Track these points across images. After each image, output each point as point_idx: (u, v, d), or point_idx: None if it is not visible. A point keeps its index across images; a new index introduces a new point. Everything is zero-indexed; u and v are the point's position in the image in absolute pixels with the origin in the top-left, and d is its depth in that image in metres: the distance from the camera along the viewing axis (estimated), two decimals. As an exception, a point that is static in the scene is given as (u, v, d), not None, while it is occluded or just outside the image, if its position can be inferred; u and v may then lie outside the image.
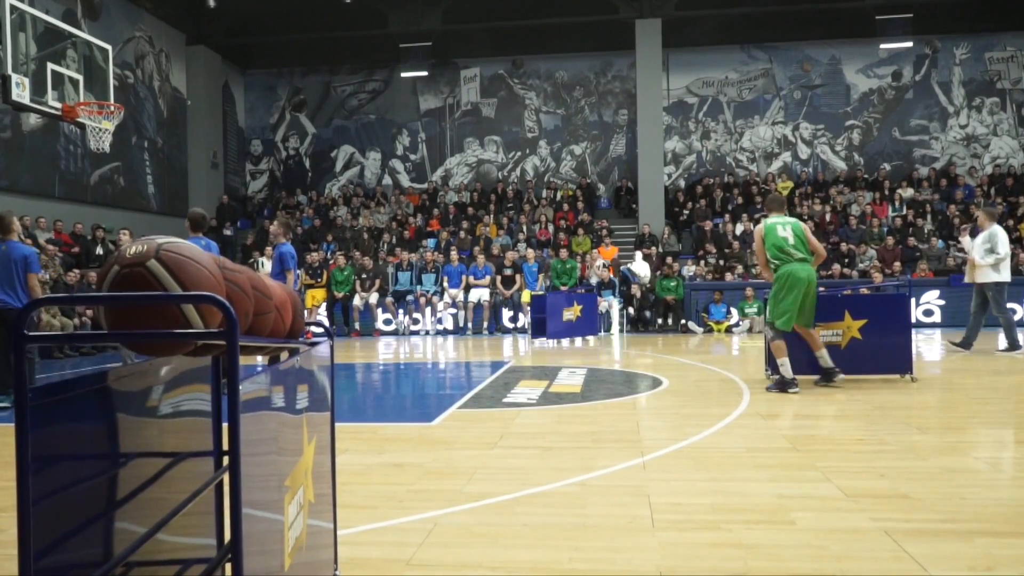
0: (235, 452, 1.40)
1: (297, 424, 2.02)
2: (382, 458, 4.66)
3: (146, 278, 1.49)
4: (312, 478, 2.20)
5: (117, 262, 1.53)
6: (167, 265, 1.51)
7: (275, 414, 1.84)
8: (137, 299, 1.43)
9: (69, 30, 9.69)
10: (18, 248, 7.02)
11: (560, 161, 22.86)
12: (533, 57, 22.72)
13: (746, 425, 5.52)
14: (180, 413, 2.10)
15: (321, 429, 2.55)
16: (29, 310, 1.38)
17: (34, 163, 15.65)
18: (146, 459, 1.87)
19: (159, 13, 19.74)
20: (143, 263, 1.50)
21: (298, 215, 21.81)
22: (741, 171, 22.05)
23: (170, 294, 1.44)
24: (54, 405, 1.45)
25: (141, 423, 1.84)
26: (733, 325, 15.84)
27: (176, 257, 1.53)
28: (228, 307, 1.37)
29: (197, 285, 1.53)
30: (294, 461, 1.96)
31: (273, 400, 1.78)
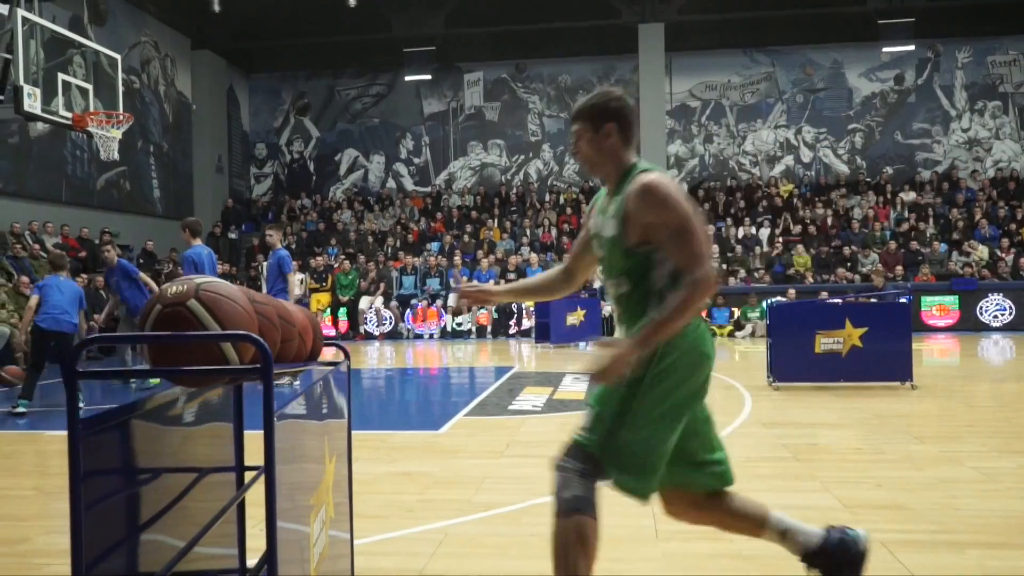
0: (270, 477, 1.51)
1: (320, 445, 2.13)
2: (391, 467, 4.77)
3: (186, 316, 1.60)
4: (334, 504, 2.32)
5: (159, 301, 1.65)
6: (206, 304, 1.62)
7: (302, 437, 1.95)
8: (182, 338, 1.54)
9: (78, 39, 9.82)
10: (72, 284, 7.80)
11: (563, 164, 22.96)
12: (536, 61, 22.82)
13: (748, 434, 5.63)
14: (204, 430, 2.22)
15: (339, 445, 2.66)
16: (81, 348, 1.49)
17: (41, 168, 15.78)
18: (176, 475, 1.98)
19: (164, 18, 19.88)
20: (184, 303, 1.61)
21: (302, 219, 21.95)
22: (744, 175, 22.14)
23: (212, 333, 1.55)
24: (99, 432, 1.57)
25: (171, 442, 1.96)
26: (736, 329, 15.93)
27: (214, 296, 1.64)
28: (264, 345, 1.48)
29: (233, 321, 1.64)
30: (318, 480, 2.07)
31: (301, 425, 1.89)
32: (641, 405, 2.26)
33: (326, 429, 2.25)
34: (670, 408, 2.28)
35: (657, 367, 2.26)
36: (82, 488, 1.48)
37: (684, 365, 2.28)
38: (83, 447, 1.49)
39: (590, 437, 2.29)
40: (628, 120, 2.41)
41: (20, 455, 5.52)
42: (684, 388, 2.30)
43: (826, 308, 7.80)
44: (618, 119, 2.38)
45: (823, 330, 7.63)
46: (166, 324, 1.59)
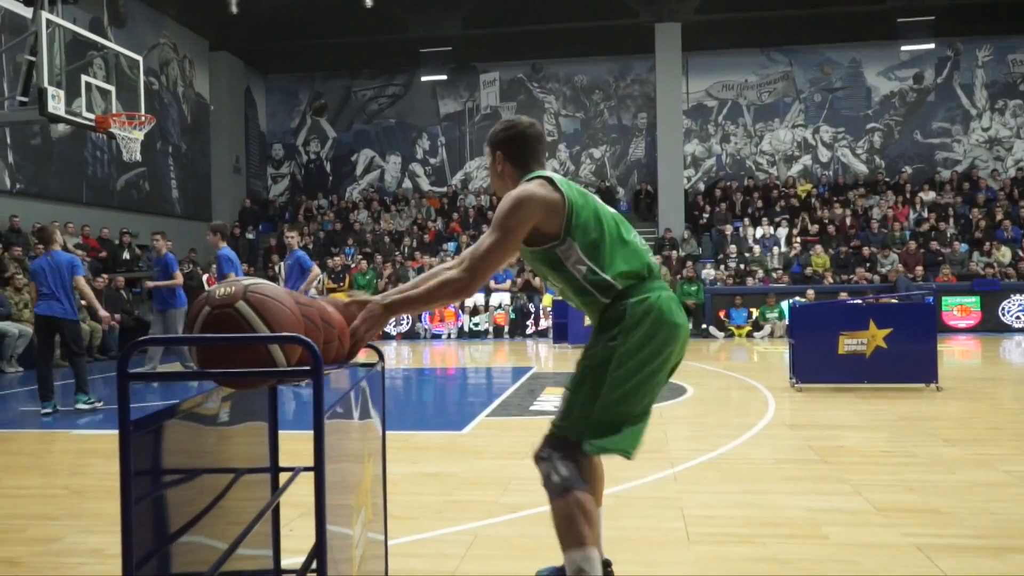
0: (320, 478, 1.50)
1: (360, 446, 2.12)
2: (417, 468, 4.76)
3: (235, 318, 1.60)
4: (370, 497, 2.31)
5: (207, 303, 1.64)
6: (254, 306, 1.62)
7: (344, 438, 1.94)
8: (233, 340, 1.53)
9: (100, 41, 9.89)
10: (61, 255, 7.30)
11: (579, 164, 22.92)
12: (552, 61, 22.79)
13: (773, 435, 5.58)
14: (240, 430, 2.21)
15: (375, 445, 2.66)
16: (133, 349, 1.49)
17: (62, 169, 15.91)
18: (214, 476, 1.98)
19: (182, 20, 19.99)
20: (232, 304, 1.61)
21: (319, 219, 22.01)
22: (761, 174, 22.03)
23: (263, 335, 1.54)
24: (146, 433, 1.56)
25: (210, 442, 1.96)
26: (754, 330, 15.84)
27: (261, 298, 1.64)
28: (315, 347, 1.47)
29: (280, 323, 1.64)
30: (358, 481, 2.07)
31: (343, 426, 1.89)
32: (612, 382, 2.37)
33: (366, 428, 2.24)
34: (642, 379, 2.39)
35: (624, 345, 2.38)
36: (132, 488, 1.48)
37: (651, 338, 2.39)
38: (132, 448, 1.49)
39: (562, 424, 2.45)
40: (516, 147, 2.62)
41: (47, 454, 5.56)
42: (655, 360, 2.41)
43: (850, 309, 7.74)
44: (505, 147, 2.63)
45: (847, 331, 7.57)
46: (215, 326, 1.59)
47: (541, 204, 2.41)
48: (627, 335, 2.38)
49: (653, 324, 2.40)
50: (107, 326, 7.27)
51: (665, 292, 2.48)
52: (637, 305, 2.40)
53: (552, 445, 2.44)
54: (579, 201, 2.47)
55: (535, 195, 2.42)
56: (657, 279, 2.52)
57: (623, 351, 2.38)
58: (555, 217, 2.42)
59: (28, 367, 10.96)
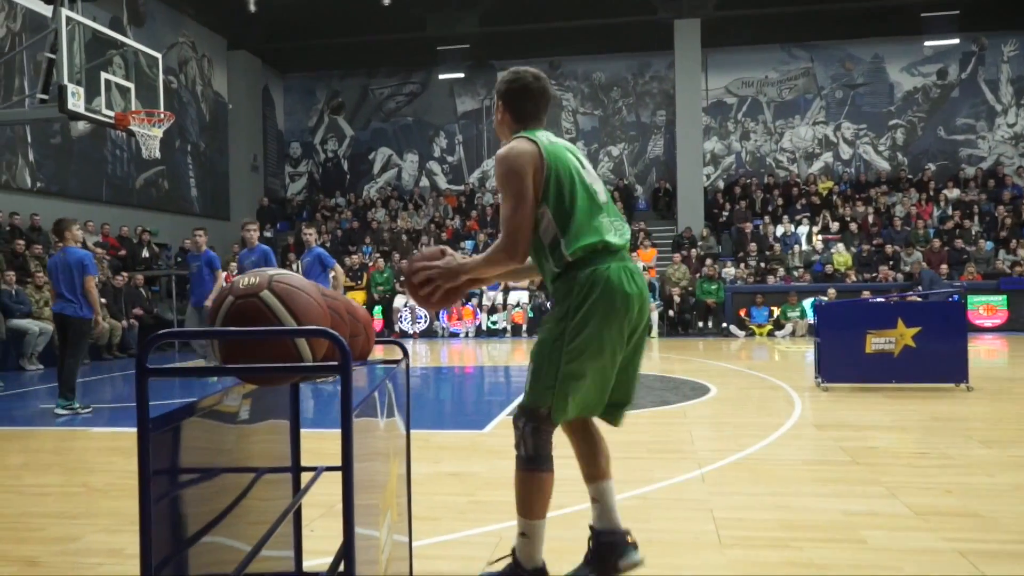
0: (348, 478, 1.41)
1: (385, 445, 2.04)
2: (439, 467, 4.68)
3: (260, 308, 1.51)
4: (395, 498, 2.23)
5: (231, 293, 1.56)
6: (279, 296, 1.54)
7: (370, 437, 1.86)
8: (257, 334, 1.45)
9: (120, 39, 9.89)
10: (74, 252, 7.13)
11: (597, 162, 22.78)
12: (570, 58, 22.67)
13: (801, 436, 5.46)
14: (260, 428, 2.14)
15: (399, 444, 2.57)
16: (153, 343, 1.41)
17: (82, 168, 15.98)
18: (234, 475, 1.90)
19: (201, 19, 20.05)
20: (256, 294, 1.53)
21: (336, 217, 22.01)
22: (781, 172, 21.81)
23: (289, 328, 1.46)
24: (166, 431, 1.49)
25: (230, 441, 1.88)
26: (775, 329, 15.65)
27: (287, 288, 1.56)
28: (343, 342, 1.39)
29: (307, 315, 1.56)
30: (384, 482, 1.99)
31: (370, 424, 1.80)
32: (567, 355, 2.51)
33: (391, 427, 2.16)
34: (596, 349, 2.49)
35: (574, 319, 2.51)
36: (151, 488, 1.40)
37: (603, 308, 2.49)
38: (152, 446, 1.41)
39: (530, 395, 2.61)
40: (518, 99, 2.70)
41: (68, 452, 5.53)
42: (608, 330, 2.49)
43: (877, 307, 7.58)
44: (506, 99, 2.71)
45: (874, 329, 7.41)
46: (239, 317, 1.51)
47: (530, 159, 2.52)
48: (577, 308, 2.50)
49: (601, 295, 2.49)
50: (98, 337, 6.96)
51: (616, 263, 2.55)
52: (585, 279, 2.51)
53: (525, 415, 2.62)
54: (555, 164, 2.55)
55: (523, 150, 2.54)
56: (614, 254, 2.57)
57: (573, 324, 2.51)
58: (538, 175, 2.54)
59: (49, 364, 10.99)
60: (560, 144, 2.66)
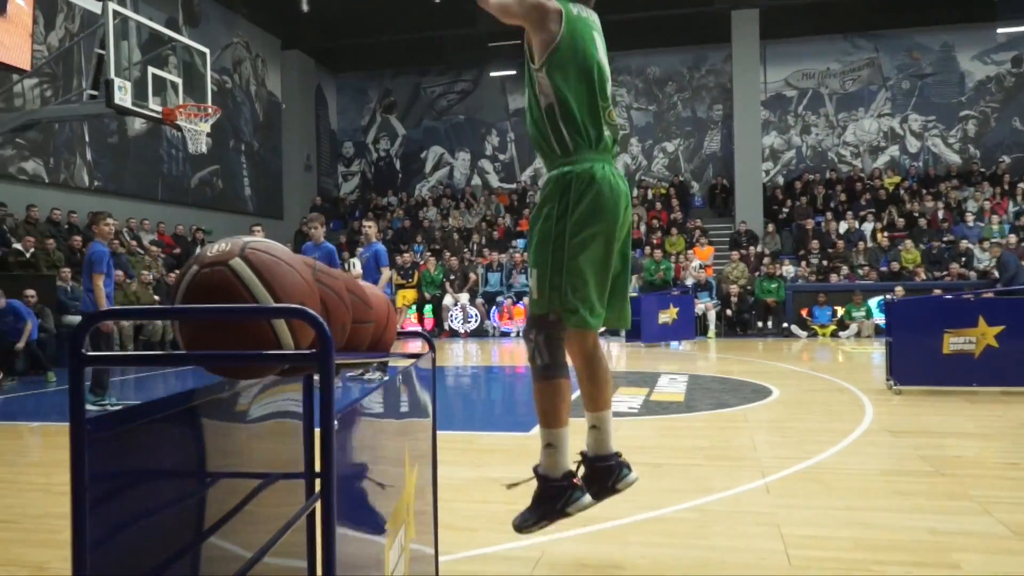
0: (328, 501, 1.12)
1: (399, 455, 1.74)
2: (480, 472, 4.39)
3: (229, 281, 1.23)
4: (415, 513, 1.93)
5: (196, 262, 1.28)
6: (253, 265, 1.25)
7: (376, 443, 1.56)
8: (213, 312, 1.17)
9: (169, 34, 9.86)
10: (92, 248, 6.93)
11: (652, 159, 22.29)
12: (624, 53, 22.19)
13: (875, 443, 5.01)
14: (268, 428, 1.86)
15: (423, 447, 2.28)
16: (88, 325, 1.14)
17: (139, 167, 16.17)
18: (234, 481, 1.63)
19: (255, 19, 20.17)
20: (225, 262, 1.24)
21: (388, 216, 21.96)
22: (844, 167, 20.99)
23: (252, 307, 1.17)
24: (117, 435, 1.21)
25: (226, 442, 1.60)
26: (839, 329, 14.98)
27: (264, 256, 1.27)
28: (322, 323, 1.09)
29: (287, 291, 1.26)
30: (395, 498, 1.69)
31: (370, 432, 1.50)
32: (568, 252, 2.46)
33: (406, 431, 1.86)
34: (594, 248, 2.48)
35: (575, 213, 2.46)
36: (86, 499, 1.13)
37: (597, 207, 2.47)
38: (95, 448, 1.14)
39: (538, 302, 2.53)
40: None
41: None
42: (601, 226, 2.48)
43: (955, 304, 7.04)
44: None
45: (952, 328, 6.88)
46: (202, 290, 1.23)
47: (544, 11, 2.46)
48: (576, 203, 2.47)
49: (599, 193, 2.48)
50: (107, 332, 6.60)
51: (609, 165, 2.56)
52: (584, 174, 2.48)
53: (535, 325, 2.56)
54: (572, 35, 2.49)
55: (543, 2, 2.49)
56: (607, 152, 2.57)
57: (573, 220, 2.47)
58: (545, 35, 2.47)
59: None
60: (589, 22, 2.60)
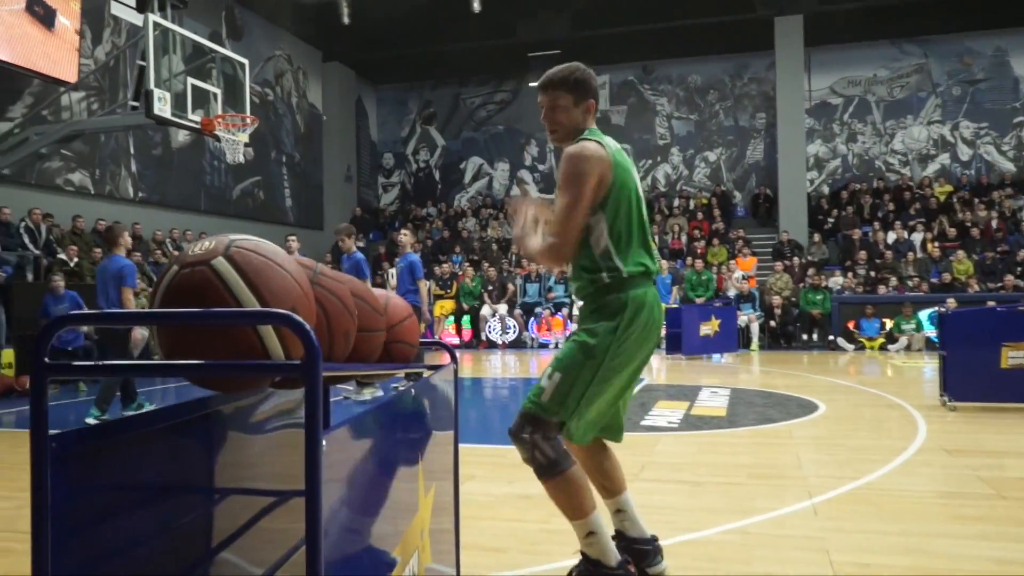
0: (313, 541, 0.98)
1: (410, 476, 1.60)
2: (511, 488, 4.24)
3: (209, 282, 1.10)
4: (430, 538, 1.78)
5: (177, 262, 1.16)
6: (238, 266, 1.12)
7: (377, 469, 1.42)
8: (185, 317, 1.04)
9: (209, 45, 9.93)
10: (116, 261, 6.79)
11: (693, 168, 21.98)
12: (664, 62, 21.98)
13: (930, 463, 4.74)
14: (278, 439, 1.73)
15: (443, 464, 2.13)
16: (50, 332, 1.02)
17: (182, 178, 16.39)
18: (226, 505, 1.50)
19: (297, 32, 20.39)
20: (207, 262, 1.12)
21: (427, 227, 21.97)
22: (892, 175, 20.46)
23: (223, 311, 1.04)
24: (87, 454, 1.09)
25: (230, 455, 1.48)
26: (888, 342, 14.52)
27: (250, 256, 1.14)
28: (308, 330, 0.96)
29: (275, 295, 1.14)
30: (405, 523, 1.54)
31: (375, 451, 1.36)
32: (605, 371, 2.43)
33: (421, 449, 1.72)
34: (631, 372, 2.53)
35: (623, 336, 2.44)
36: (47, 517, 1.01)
37: (642, 338, 2.49)
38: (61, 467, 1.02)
39: (547, 406, 2.44)
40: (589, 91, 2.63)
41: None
42: (638, 357, 2.52)
43: (1015, 317, 6.70)
44: (576, 91, 2.59)
45: (1011, 342, 6.54)
46: (182, 292, 1.10)
47: (598, 166, 2.43)
48: (627, 327, 2.45)
49: (647, 318, 2.49)
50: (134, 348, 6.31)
51: (653, 290, 2.58)
52: (638, 298, 2.48)
53: (533, 425, 2.44)
54: (622, 176, 2.49)
55: (595, 154, 2.44)
56: (652, 278, 2.59)
57: (621, 342, 2.44)
58: (603, 181, 2.46)
59: (141, 370, 11.12)
60: (622, 152, 2.60)
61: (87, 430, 1.08)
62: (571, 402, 2.42)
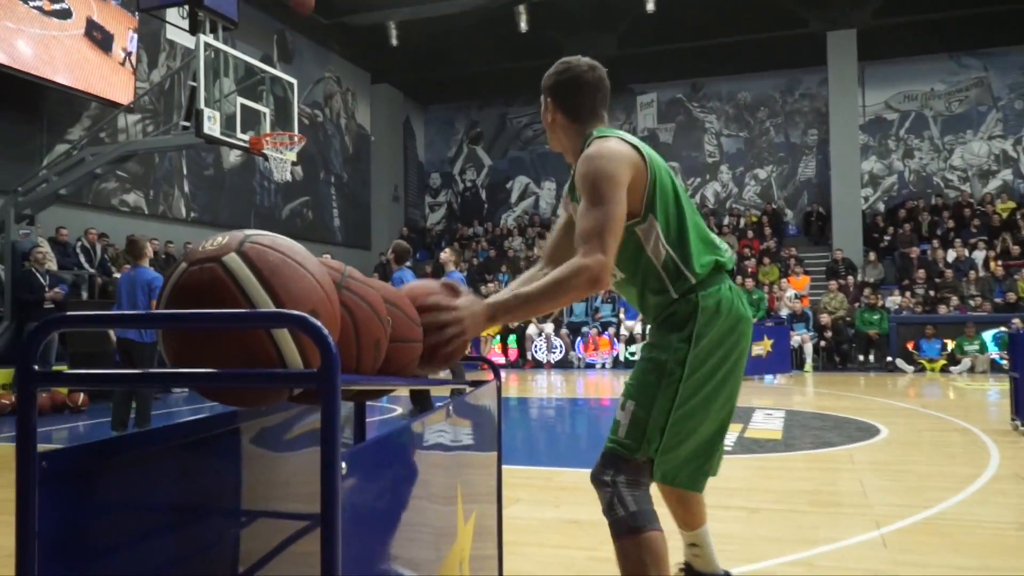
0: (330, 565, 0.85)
1: (448, 501, 1.46)
2: (558, 512, 4.06)
3: (220, 281, 0.99)
4: (470, 565, 1.64)
5: (186, 259, 1.05)
6: (252, 263, 1.00)
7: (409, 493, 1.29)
8: (181, 319, 0.92)
9: (260, 66, 10.05)
10: (145, 272, 6.72)
11: (743, 186, 21.61)
12: (712, 79, 21.72)
13: (1006, 491, 4.44)
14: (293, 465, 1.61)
15: (485, 486, 1.99)
16: (40, 335, 0.91)
17: (233, 198, 16.64)
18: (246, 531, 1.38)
19: (346, 54, 20.65)
20: (218, 258, 1.00)
21: (474, 246, 21.95)
22: (951, 192, 19.82)
23: (226, 313, 0.92)
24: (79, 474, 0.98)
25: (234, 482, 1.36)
26: (949, 364, 13.97)
27: (267, 253, 1.02)
28: (325, 335, 0.83)
29: (293, 296, 1.01)
30: (442, 552, 1.40)
31: (406, 473, 1.23)
32: (685, 391, 2.00)
33: (460, 472, 1.58)
34: (716, 385, 2.05)
35: (698, 347, 2.01)
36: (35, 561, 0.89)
37: (725, 338, 2.05)
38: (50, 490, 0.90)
39: (626, 442, 2.05)
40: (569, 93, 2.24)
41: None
42: (728, 363, 2.07)
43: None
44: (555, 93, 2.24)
45: (1089, 363, 6.17)
46: (187, 294, 0.99)
47: (627, 162, 2.00)
48: (701, 335, 2.03)
49: (726, 320, 2.06)
50: None
51: (729, 282, 2.15)
52: (708, 299, 2.05)
53: (615, 466, 2.06)
54: (661, 166, 2.10)
55: (618, 150, 2.02)
56: (727, 273, 2.17)
57: (697, 353, 2.02)
58: (637, 184, 2.03)
59: (190, 387, 11.20)
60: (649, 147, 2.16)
61: (83, 448, 0.97)
62: (653, 434, 2.00)
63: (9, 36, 10.77)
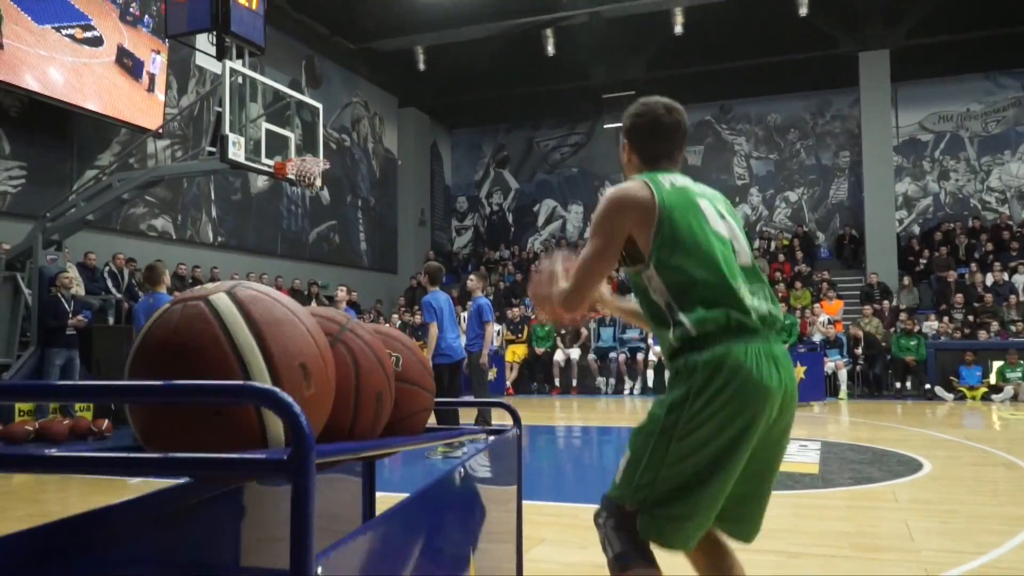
0: None
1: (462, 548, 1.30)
2: (586, 554, 3.87)
3: (203, 316, 0.85)
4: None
5: (178, 300, 0.91)
6: (240, 302, 0.86)
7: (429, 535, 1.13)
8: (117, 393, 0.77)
9: (286, 91, 10.06)
10: (163, 299, 6.62)
11: (774, 209, 21.32)
12: (742, 101, 21.53)
13: (1065, 535, 4.16)
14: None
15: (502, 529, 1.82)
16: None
17: (260, 223, 16.70)
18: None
19: (374, 79, 20.77)
20: (206, 297, 0.86)
21: (500, 270, 21.84)
22: (989, 214, 19.37)
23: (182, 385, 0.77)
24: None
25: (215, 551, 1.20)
26: (991, 392, 13.53)
27: (257, 296, 0.88)
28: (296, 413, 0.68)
29: (282, 344, 0.86)
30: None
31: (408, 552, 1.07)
32: (674, 453, 1.93)
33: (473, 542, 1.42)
34: (710, 454, 1.91)
35: (690, 410, 1.91)
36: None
37: (731, 401, 1.89)
38: None
39: (618, 489, 2.03)
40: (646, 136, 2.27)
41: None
42: (728, 431, 1.90)
43: None
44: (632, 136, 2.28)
45: None
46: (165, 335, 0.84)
47: (633, 207, 2.03)
48: (697, 395, 1.92)
49: (730, 384, 1.90)
50: None
51: (756, 344, 1.95)
52: (713, 360, 1.92)
53: (607, 509, 2.05)
54: (673, 218, 2.01)
55: (631, 195, 2.05)
56: (752, 333, 1.96)
57: (688, 417, 1.92)
58: (645, 227, 2.02)
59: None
60: (692, 190, 2.11)
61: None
62: (642, 486, 1.93)
63: (42, 64, 10.91)
